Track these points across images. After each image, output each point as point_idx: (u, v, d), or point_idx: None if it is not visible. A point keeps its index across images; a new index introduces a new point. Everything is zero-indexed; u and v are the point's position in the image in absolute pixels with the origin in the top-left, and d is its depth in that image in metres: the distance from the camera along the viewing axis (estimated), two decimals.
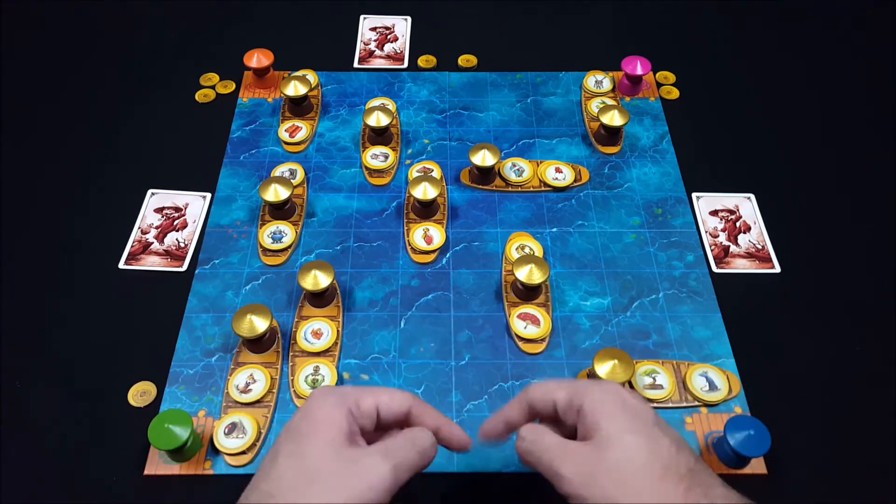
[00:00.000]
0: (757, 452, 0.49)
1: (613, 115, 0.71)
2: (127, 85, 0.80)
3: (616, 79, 0.80)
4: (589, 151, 0.73)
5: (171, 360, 0.57)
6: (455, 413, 0.55)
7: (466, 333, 0.59)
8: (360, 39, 0.86)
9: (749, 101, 0.79)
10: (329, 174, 0.71)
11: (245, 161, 0.72)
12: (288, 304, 0.61)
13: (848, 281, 0.63)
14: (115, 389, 0.56)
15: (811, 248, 0.66)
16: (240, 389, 0.55)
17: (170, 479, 0.51)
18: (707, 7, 0.90)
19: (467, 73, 0.81)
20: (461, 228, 0.67)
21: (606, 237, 0.66)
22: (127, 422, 0.54)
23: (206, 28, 0.87)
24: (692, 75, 0.81)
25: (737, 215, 0.68)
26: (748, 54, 0.85)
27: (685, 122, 0.76)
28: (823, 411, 0.55)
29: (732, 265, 0.64)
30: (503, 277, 0.63)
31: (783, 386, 0.57)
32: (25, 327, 0.59)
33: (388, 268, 0.64)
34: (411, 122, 0.76)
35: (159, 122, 0.76)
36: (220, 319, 0.60)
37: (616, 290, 0.62)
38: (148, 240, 0.66)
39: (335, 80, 0.80)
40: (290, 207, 0.67)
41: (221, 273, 0.63)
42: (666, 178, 0.71)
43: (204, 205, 0.68)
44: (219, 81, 0.80)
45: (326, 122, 0.76)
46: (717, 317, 0.61)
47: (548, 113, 0.77)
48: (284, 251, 0.64)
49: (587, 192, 0.70)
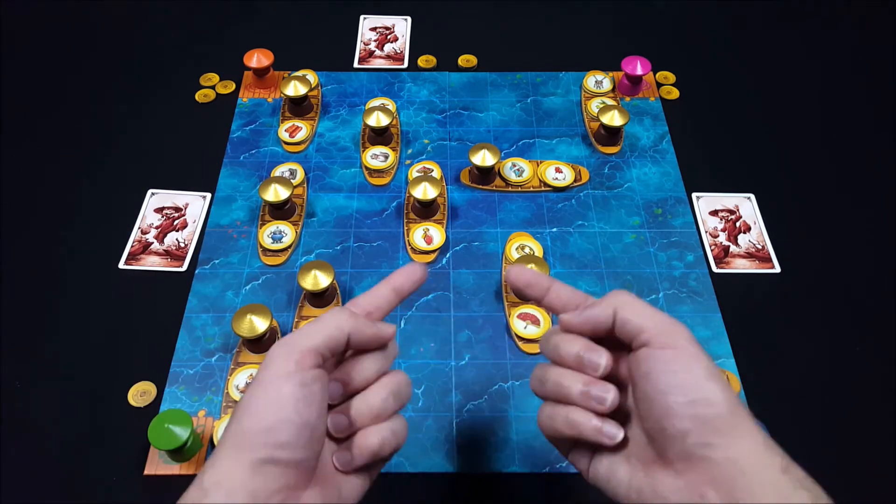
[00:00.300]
0: None
1: (613, 115, 0.71)
2: (127, 85, 0.80)
3: (616, 79, 0.80)
4: (589, 151, 0.73)
5: (171, 360, 0.57)
6: (455, 413, 0.55)
7: (466, 333, 0.59)
8: (360, 39, 0.86)
9: (749, 101, 0.79)
10: (329, 174, 0.71)
11: (245, 161, 0.72)
12: (288, 304, 0.61)
13: (848, 281, 0.64)
14: (115, 389, 0.56)
15: (811, 248, 0.66)
16: (240, 389, 0.55)
17: (170, 479, 0.51)
18: (707, 7, 0.90)
19: (467, 73, 0.81)
20: (461, 228, 0.67)
21: (606, 237, 0.66)
22: (127, 422, 0.54)
23: (206, 28, 0.87)
24: (692, 75, 0.81)
25: (737, 215, 0.68)
26: (748, 54, 0.85)
27: (685, 122, 0.76)
28: (823, 411, 0.55)
29: (732, 265, 0.64)
30: (503, 277, 0.63)
31: (783, 386, 0.57)
32: (25, 327, 0.59)
33: (388, 268, 0.64)
34: (411, 122, 0.76)
35: (159, 122, 0.76)
36: (220, 319, 0.60)
37: None
38: (148, 240, 0.66)
39: (335, 80, 0.80)
40: (290, 207, 0.67)
41: (221, 273, 0.63)
42: (666, 178, 0.71)
43: (204, 205, 0.68)
44: (219, 81, 0.80)
45: (326, 122, 0.76)
46: (717, 317, 0.61)
47: (548, 113, 0.77)
48: (284, 251, 0.64)
49: (587, 192, 0.70)
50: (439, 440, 0.53)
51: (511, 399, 0.56)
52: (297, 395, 0.34)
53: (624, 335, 0.37)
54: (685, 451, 0.33)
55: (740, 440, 0.33)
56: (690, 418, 0.33)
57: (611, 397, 0.36)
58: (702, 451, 0.33)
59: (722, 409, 0.33)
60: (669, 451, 0.34)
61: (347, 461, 0.37)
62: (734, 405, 0.34)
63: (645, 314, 0.36)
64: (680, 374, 0.34)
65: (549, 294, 0.40)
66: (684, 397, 0.33)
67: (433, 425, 0.54)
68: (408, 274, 0.41)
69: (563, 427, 0.37)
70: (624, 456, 0.36)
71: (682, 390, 0.34)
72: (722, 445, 0.33)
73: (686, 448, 0.33)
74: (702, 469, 0.33)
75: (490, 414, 0.55)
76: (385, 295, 0.40)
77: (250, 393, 0.35)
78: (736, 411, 0.34)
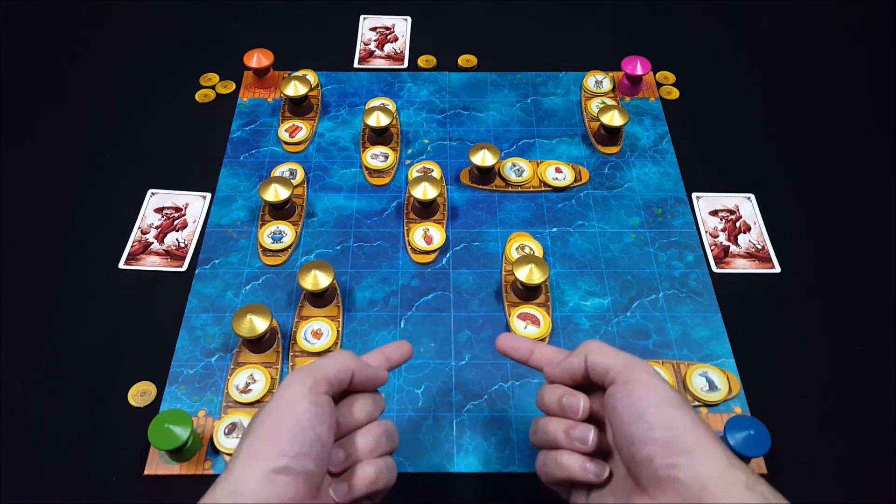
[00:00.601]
0: (757, 452, 0.49)
1: (613, 115, 0.71)
2: (127, 85, 0.80)
3: (616, 79, 0.80)
4: (589, 151, 0.73)
5: (171, 360, 0.57)
6: (455, 413, 0.55)
7: (466, 333, 0.59)
8: (360, 39, 0.86)
9: (749, 101, 0.79)
10: (329, 174, 0.71)
11: (245, 161, 0.72)
12: (288, 304, 0.61)
13: (848, 281, 0.63)
14: (115, 389, 0.56)
15: (811, 248, 0.66)
16: (240, 389, 0.55)
17: (170, 479, 0.51)
18: (707, 7, 0.90)
19: (467, 73, 0.81)
20: (461, 228, 0.67)
21: (606, 237, 0.66)
22: (127, 422, 0.54)
23: (206, 28, 0.87)
24: (692, 75, 0.81)
25: (737, 215, 0.68)
26: (748, 54, 0.85)
27: (685, 122, 0.76)
28: (823, 411, 0.55)
29: (732, 265, 0.64)
30: (503, 277, 0.63)
31: (783, 386, 0.57)
32: (25, 327, 0.59)
33: (388, 268, 0.64)
34: (411, 122, 0.76)
35: (159, 122, 0.76)
36: (220, 319, 0.60)
37: (616, 290, 0.62)
38: (148, 240, 0.66)
39: (335, 80, 0.80)
40: (290, 207, 0.67)
41: (221, 273, 0.63)
42: (666, 178, 0.71)
43: (204, 205, 0.68)
44: (219, 81, 0.80)
45: (326, 122, 0.76)
46: (717, 317, 0.61)
47: (548, 113, 0.77)
48: (284, 251, 0.64)
49: (587, 192, 0.70)
50: (439, 440, 0.53)
51: (511, 399, 0.56)
52: (311, 411, 0.38)
53: (596, 378, 0.41)
54: (654, 475, 0.36)
55: (703, 459, 0.35)
56: (652, 442, 0.36)
57: (591, 436, 0.39)
58: (668, 472, 0.35)
59: (680, 430, 0.36)
60: (642, 478, 0.36)
61: (344, 492, 0.39)
62: (694, 426, 0.36)
63: (609, 355, 0.41)
64: (639, 403, 0.37)
65: (533, 355, 0.45)
66: (645, 424, 0.37)
67: (433, 425, 0.54)
68: (399, 347, 0.46)
69: (555, 470, 0.40)
70: (610, 489, 0.39)
71: (642, 417, 0.37)
72: (685, 466, 0.35)
73: (654, 472, 0.36)
74: (671, 491, 0.35)
75: (490, 414, 0.55)
76: (378, 359, 0.45)
77: (266, 409, 0.38)
78: (697, 432, 0.36)
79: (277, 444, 0.36)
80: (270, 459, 0.35)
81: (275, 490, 0.35)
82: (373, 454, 0.41)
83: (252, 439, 0.37)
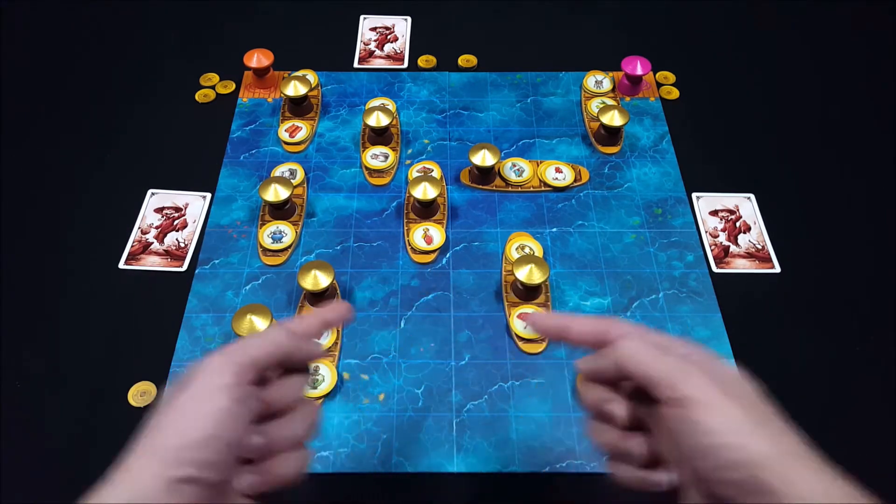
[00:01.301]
0: None
1: (613, 115, 0.71)
2: (127, 85, 0.80)
3: (616, 79, 0.80)
4: (589, 151, 0.73)
5: (171, 360, 0.57)
6: (454, 413, 0.55)
7: (466, 333, 0.59)
8: (360, 39, 0.86)
9: (749, 101, 0.79)
10: (329, 174, 0.71)
11: (245, 161, 0.72)
12: (288, 304, 0.61)
13: (848, 281, 0.63)
14: (115, 389, 0.56)
15: (811, 248, 0.66)
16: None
17: None
18: (707, 7, 0.90)
19: (467, 73, 0.81)
20: (461, 228, 0.67)
21: (606, 237, 0.66)
22: (127, 422, 0.54)
23: (206, 28, 0.87)
24: (692, 75, 0.81)
25: (737, 215, 0.68)
26: (748, 54, 0.85)
27: (685, 122, 0.76)
28: (823, 411, 0.55)
29: (732, 265, 0.64)
30: (503, 277, 0.63)
31: (783, 386, 0.57)
32: (26, 327, 0.59)
33: (388, 268, 0.64)
34: (411, 122, 0.76)
35: (159, 122, 0.76)
36: (220, 319, 0.60)
37: (616, 290, 0.62)
38: (148, 240, 0.66)
39: (335, 80, 0.80)
40: (290, 207, 0.67)
41: (221, 273, 0.63)
42: (666, 178, 0.71)
43: (204, 205, 0.68)
44: (219, 81, 0.80)
45: (326, 122, 0.76)
46: (717, 317, 0.61)
47: (548, 113, 0.77)
48: (284, 251, 0.64)
49: (587, 192, 0.70)
50: (439, 440, 0.53)
51: (511, 399, 0.56)
52: (232, 410, 0.32)
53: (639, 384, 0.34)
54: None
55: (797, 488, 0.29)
56: (724, 484, 0.30)
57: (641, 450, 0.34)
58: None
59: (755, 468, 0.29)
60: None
61: (255, 487, 0.34)
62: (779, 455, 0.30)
63: (648, 362, 0.33)
64: (697, 435, 0.31)
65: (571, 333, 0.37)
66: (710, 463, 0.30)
67: (433, 425, 0.54)
68: (337, 310, 0.41)
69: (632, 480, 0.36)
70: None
71: (703, 455, 0.30)
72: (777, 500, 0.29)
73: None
74: None
75: (490, 414, 0.55)
76: (314, 324, 0.39)
77: (179, 400, 0.33)
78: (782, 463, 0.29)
79: (184, 451, 0.31)
80: (174, 467, 0.31)
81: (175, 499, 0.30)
82: (293, 444, 0.36)
83: (157, 433, 0.32)
